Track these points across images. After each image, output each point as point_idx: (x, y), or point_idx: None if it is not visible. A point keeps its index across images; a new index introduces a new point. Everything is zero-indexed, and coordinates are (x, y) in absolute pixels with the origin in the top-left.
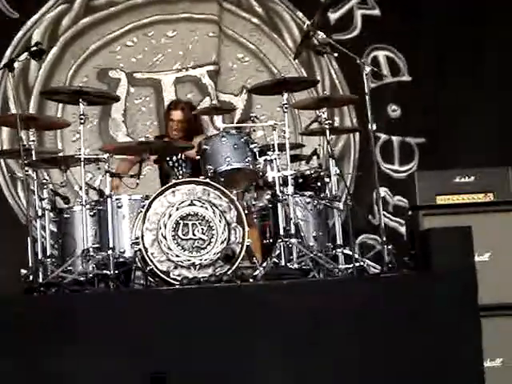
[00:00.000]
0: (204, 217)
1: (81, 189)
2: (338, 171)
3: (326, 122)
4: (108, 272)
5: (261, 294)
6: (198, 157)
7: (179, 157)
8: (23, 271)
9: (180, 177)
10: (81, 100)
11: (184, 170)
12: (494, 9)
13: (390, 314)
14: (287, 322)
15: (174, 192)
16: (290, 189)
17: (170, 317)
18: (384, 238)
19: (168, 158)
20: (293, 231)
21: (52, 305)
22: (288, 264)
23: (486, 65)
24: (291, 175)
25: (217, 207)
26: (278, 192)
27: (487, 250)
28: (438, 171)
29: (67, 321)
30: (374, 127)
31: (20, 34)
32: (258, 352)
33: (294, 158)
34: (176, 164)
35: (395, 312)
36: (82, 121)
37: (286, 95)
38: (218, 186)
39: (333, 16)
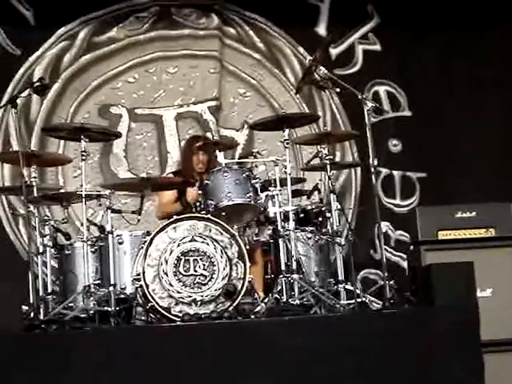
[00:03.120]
0: (205, 252)
1: (82, 225)
2: (340, 206)
3: (327, 157)
4: (109, 309)
5: (262, 331)
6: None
7: None
8: (25, 308)
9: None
10: (82, 137)
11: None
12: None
13: (392, 350)
14: (289, 358)
15: (175, 228)
16: (292, 224)
17: (171, 353)
18: (386, 273)
19: None
20: (294, 267)
21: (53, 343)
22: (290, 300)
23: (488, 102)
24: (292, 210)
25: (218, 243)
26: (279, 227)
27: (489, 285)
28: (439, 206)
29: (68, 359)
30: (375, 162)
31: (22, 70)
32: None
33: (296, 194)
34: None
35: (397, 348)
36: (84, 157)
37: (287, 131)
38: (219, 221)
39: (334, 51)
